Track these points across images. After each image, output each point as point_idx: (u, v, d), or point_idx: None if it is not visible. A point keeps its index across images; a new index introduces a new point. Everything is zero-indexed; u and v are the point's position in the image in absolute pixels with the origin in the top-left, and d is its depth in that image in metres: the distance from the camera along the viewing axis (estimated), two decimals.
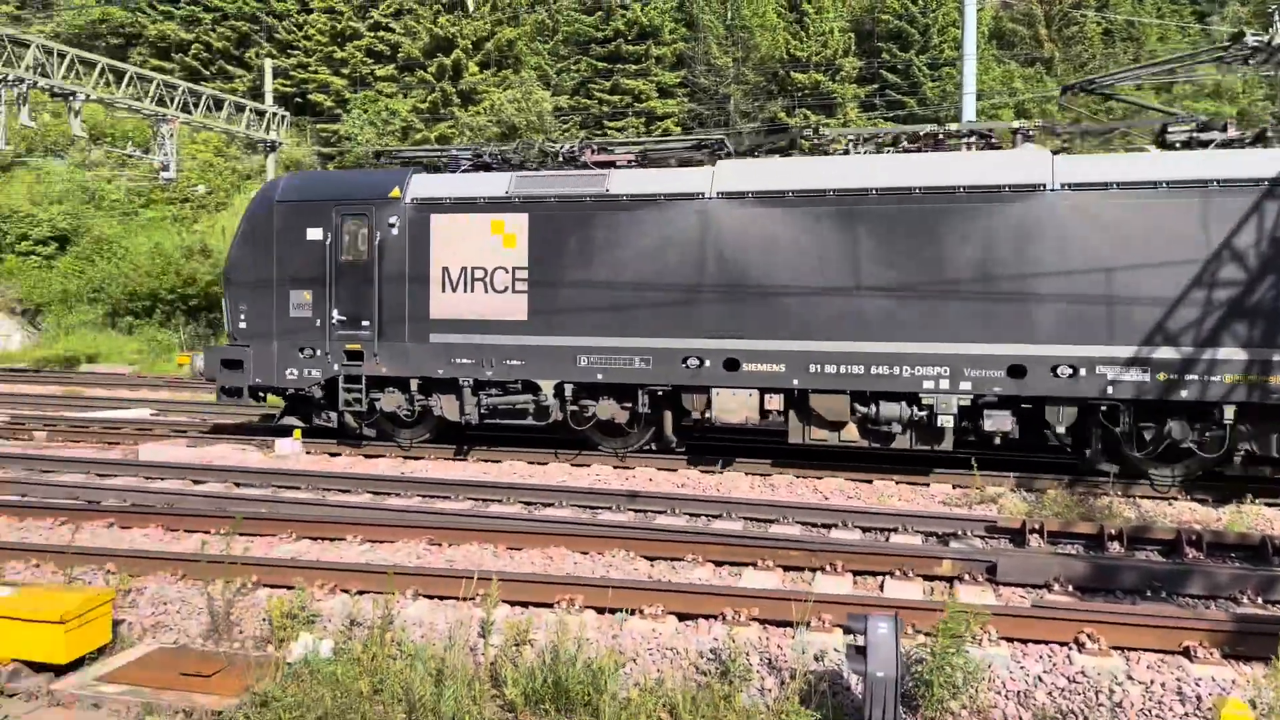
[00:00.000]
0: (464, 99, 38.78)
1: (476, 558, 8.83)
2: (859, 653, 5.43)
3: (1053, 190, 11.68)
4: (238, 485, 12.26)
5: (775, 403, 12.75)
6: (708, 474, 12.75)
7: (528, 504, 11.25)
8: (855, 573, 8.32)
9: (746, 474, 12.83)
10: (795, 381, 12.42)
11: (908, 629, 6.56)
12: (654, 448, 14.11)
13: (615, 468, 13.32)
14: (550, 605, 7.33)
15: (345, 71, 42.54)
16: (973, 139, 13.05)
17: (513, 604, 7.44)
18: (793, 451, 13.40)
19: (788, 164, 13.37)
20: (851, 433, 12.61)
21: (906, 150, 13.22)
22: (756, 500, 11.15)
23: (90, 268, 40.03)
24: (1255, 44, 12.98)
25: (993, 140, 13.08)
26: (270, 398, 15.39)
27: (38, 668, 6.32)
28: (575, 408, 13.64)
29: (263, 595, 7.72)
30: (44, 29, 43.78)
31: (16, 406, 19.94)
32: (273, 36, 43.82)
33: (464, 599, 7.29)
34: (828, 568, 8.33)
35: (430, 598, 7.63)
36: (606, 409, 13.44)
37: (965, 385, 11.87)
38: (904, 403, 12.12)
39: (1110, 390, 11.46)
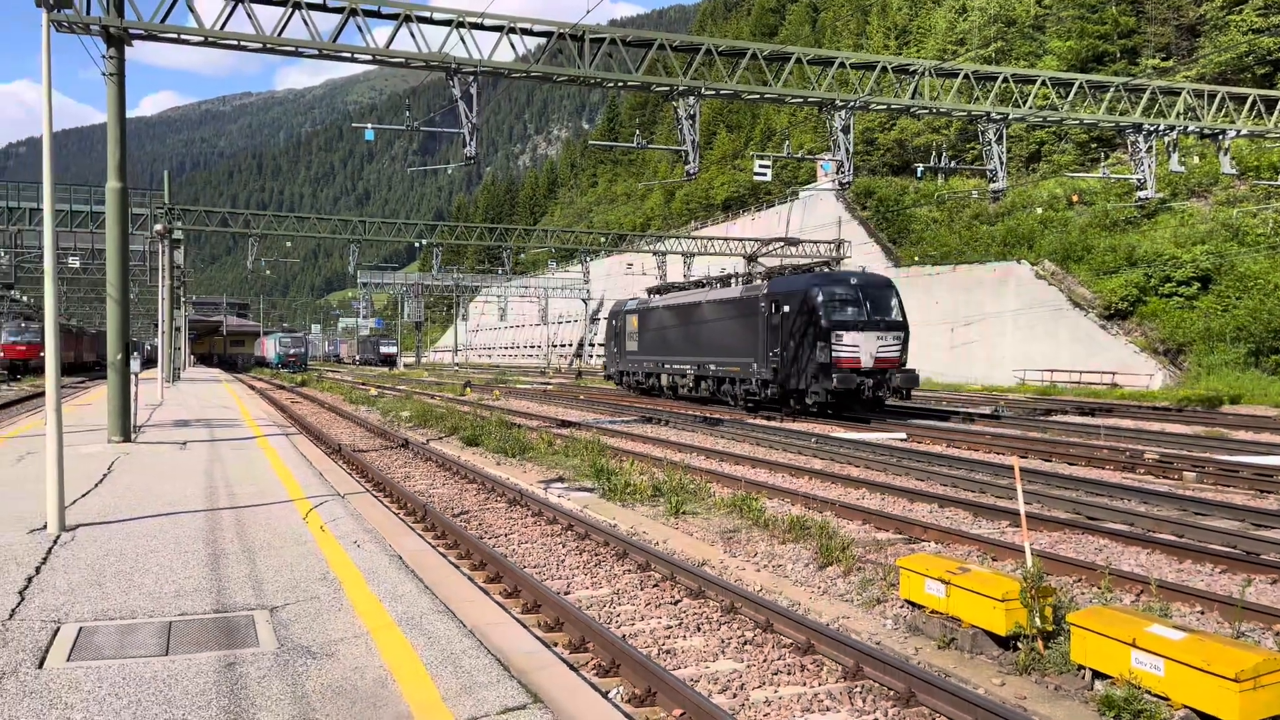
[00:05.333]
0: None
1: None
2: None
3: (704, 304, 34.31)
4: None
5: (689, 380, 35.74)
6: None
7: None
8: None
9: None
10: (696, 369, 34.61)
11: None
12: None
13: None
14: None
15: None
16: (717, 283, 36.69)
17: None
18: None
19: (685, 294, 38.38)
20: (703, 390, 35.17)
21: (722, 285, 36.06)
22: None
23: (1233, 305, 39.22)
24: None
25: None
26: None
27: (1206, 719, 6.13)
28: (675, 385, 37.21)
29: None
30: (1189, 74, 44.80)
31: (1162, 445, 20.50)
32: None
33: None
34: None
35: None
36: (682, 383, 36.32)
37: (694, 370, 34.64)
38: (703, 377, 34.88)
39: (710, 372, 33.12)
